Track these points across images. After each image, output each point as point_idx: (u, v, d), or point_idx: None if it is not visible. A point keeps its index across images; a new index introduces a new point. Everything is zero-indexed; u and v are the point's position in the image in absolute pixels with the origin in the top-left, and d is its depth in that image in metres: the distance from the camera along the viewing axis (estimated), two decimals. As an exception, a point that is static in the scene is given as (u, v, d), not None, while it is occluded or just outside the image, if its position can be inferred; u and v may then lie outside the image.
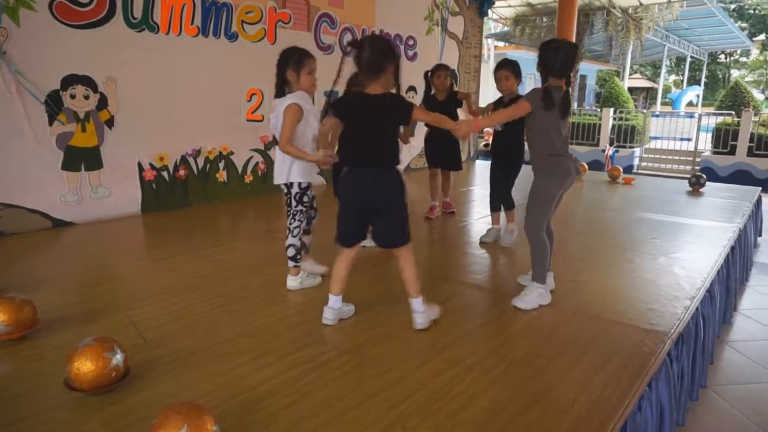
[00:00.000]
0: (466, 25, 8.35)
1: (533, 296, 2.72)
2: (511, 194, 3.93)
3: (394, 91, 2.35)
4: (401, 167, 2.41)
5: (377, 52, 2.23)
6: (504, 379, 2.04)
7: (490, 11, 10.14)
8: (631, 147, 13.51)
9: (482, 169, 8.32)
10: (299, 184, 2.80)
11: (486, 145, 14.40)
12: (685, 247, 3.84)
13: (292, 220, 2.86)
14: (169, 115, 4.75)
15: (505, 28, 19.56)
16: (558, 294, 2.85)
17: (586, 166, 7.35)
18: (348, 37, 6.38)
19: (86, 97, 4.19)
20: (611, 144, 13.54)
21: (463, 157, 8.74)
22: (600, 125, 13.66)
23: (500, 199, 3.95)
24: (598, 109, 14.04)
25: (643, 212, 5.04)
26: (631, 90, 28.91)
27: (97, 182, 4.37)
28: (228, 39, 5.08)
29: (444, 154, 4.59)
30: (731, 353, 3.66)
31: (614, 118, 13.68)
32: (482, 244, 3.85)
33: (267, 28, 5.40)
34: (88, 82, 4.18)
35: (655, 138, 14.27)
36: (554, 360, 2.19)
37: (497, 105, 3.81)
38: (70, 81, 4.08)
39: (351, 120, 2.35)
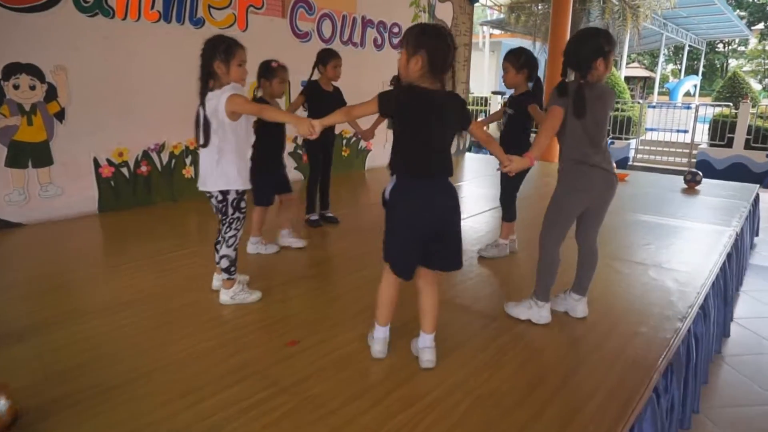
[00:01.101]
0: (455, 12, 7.99)
1: (523, 308, 2.51)
2: (514, 203, 3.44)
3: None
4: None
5: (453, 49, 1.92)
6: (466, 422, 1.76)
7: (481, -3, 9.76)
8: (626, 138, 13.21)
9: (472, 161, 8.02)
10: (236, 190, 2.52)
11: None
12: (678, 256, 3.55)
13: (228, 229, 2.58)
14: (129, 107, 4.41)
15: (501, 15, 19.12)
16: (536, 313, 2.57)
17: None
18: (327, 24, 6.02)
19: (32, 88, 3.85)
20: (606, 136, 13.26)
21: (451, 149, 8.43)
22: (595, 116, 13.32)
23: (502, 205, 3.51)
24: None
25: (635, 213, 4.75)
26: (628, 79, 28.53)
27: (47, 180, 4.04)
28: (193, 25, 4.73)
29: None
30: (725, 370, 3.40)
31: (610, 109, 13.35)
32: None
33: (237, 14, 5.04)
34: (33, 71, 3.84)
35: (651, 129, 13.95)
36: (525, 398, 1.91)
37: (509, 104, 3.41)
38: (12, 70, 3.74)
39: (411, 120, 1.94)
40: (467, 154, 8.82)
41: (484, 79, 20.17)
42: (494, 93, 15.72)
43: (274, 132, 3.26)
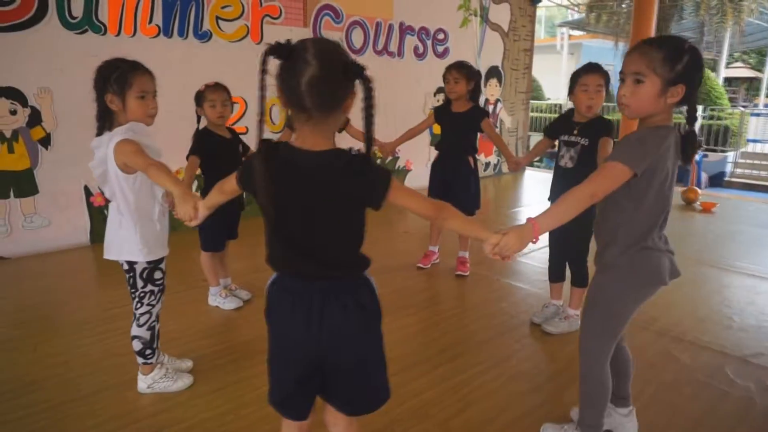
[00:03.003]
0: (513, 14, 7.14)
1: None
2: (585, 263, 2.62)
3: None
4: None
5: (337, 71, 1.13)
6: None
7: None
8: (723, 151, 11.59)
9: (518, 180, 7.10)
10: (147, 261, 1.97)
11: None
12: (773, 340, 2.59)
13: (139, 305, 2.03)
14: (124, 130, 4.05)
15: (581, 15, 17.73)
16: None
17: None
18: (358, 33, 5.44)
19: (13, 113, 3.57)
20: (698, 147, 11.73)
21: (492, 169, 7.57)
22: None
23: (565, 265, 2.71)
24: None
25: (716, 265, 3.73)
26: (730, 81, 25.66)
27: (32, 210, 3.76)
28: (199, 39, 4.32)
29: (456, 190, 3.32)
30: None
31: (703, 117, 11.78)
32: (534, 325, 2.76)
33: (250, 25, 4.59)
34: (14, 94, 3.56)
35: (755, 141, 12.16)
36: None
37: (558, 128, 2.61)
38: (-10, 94, 3.49)
39: (274, 201, 1.21)
40: (529, 171, 7.87)
41: (561, 84, 18.79)
42: (571, 99, 14.46)
43: (225, 163, 2.54)
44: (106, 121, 1.90)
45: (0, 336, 2.62)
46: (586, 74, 2.45)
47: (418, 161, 6.29)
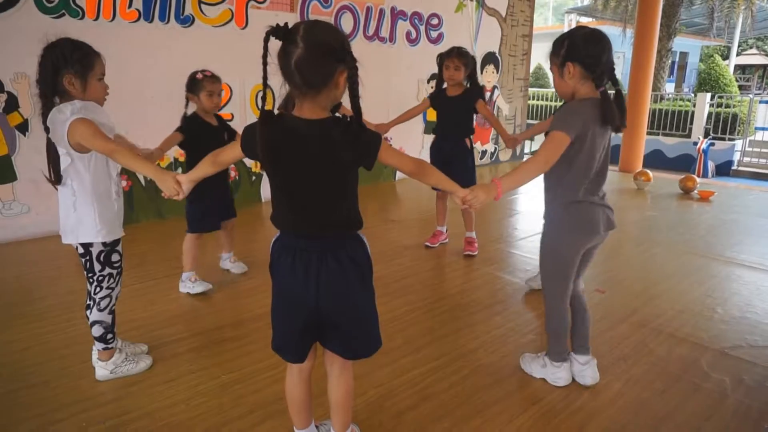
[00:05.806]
0: (511, -1, 6.98)
1: (537, 365, 2.12)
2: None
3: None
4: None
5: (321, 53, 1.25)
6: None
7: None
8: (731, 139, 11.34)
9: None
10: (103, 243, 1.94)
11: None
12: (762, 331, 2.50)
13: (98, 288, 2.00)
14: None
15: (588, 1, 17.40)
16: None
17: (650, 175, 5.85)
18: (347, 18, 5.34)
19: (-12, 98, 3.55)
20: (706, 135, 11.47)
21: (507, 155, 7.48)
22: (693, 113, 11.57)
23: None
24: (693, 94, 11.88)
25: (704, 253, 3.63)
26: (744, 68, 25.14)
27: (10, 197, 3.74)
28: (180, 24, 4.25)
29: (456, 169, 3.27)
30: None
31: (711, 105, 11.53)
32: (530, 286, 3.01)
33: (234, 10, 4.50)
34: (-11, 80, 3.53)
35: (764, 129, 11.89)
36: None
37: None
38: (-35, 79, 3.45)
39: (275, 163, 1.35)
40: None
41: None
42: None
43: (210, 149, 2.48)
44: (50, 98, 1.85)
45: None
46: None
47: (409, 148, 6.19)
